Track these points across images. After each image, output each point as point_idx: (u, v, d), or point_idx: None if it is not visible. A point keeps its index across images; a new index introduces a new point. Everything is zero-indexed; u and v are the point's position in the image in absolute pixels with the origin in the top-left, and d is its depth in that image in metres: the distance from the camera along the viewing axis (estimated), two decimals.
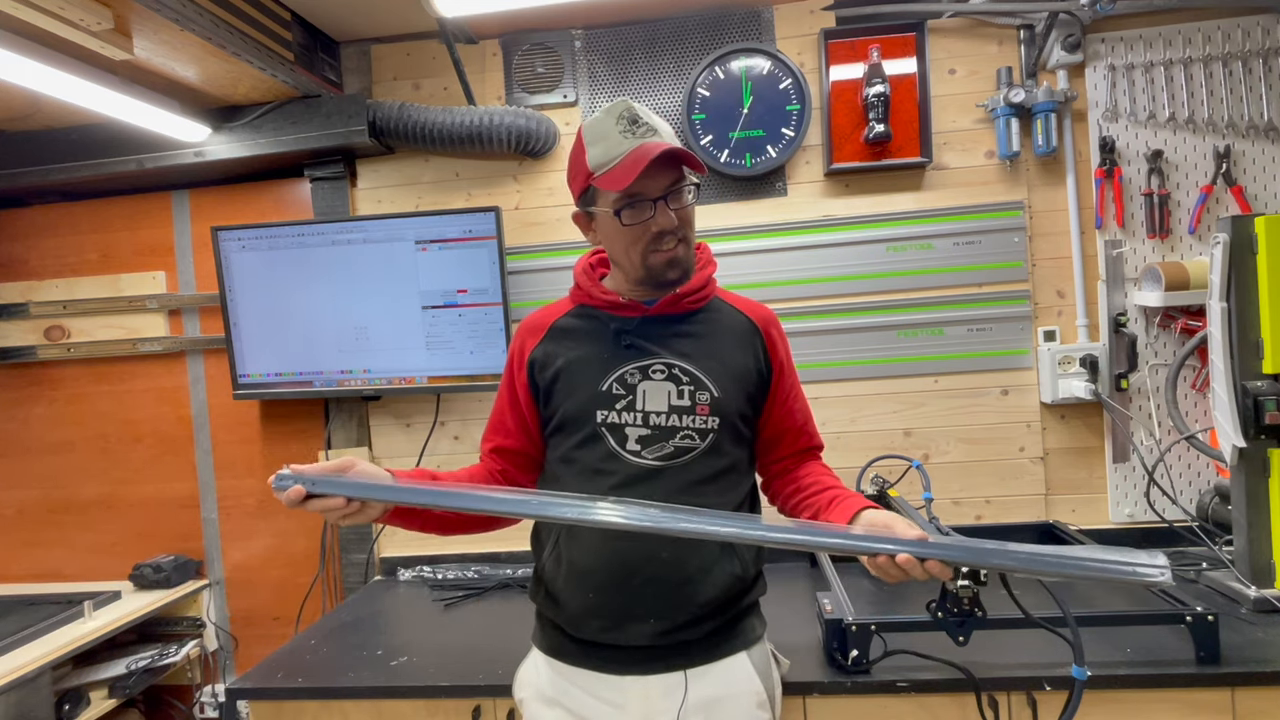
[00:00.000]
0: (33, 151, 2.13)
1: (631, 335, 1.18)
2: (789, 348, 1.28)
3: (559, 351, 1.21)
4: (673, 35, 2.08)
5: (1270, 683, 1.30)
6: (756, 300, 1.30)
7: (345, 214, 2.18)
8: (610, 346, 1.19)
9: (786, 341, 1.28)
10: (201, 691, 2.28)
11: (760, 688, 1.18)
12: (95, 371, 2.35)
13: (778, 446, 1.28)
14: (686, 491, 1.13)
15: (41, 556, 2.40)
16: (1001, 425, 2.03)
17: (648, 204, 1.11)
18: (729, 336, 1.21)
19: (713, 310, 1.24)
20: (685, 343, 1.19)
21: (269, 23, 1.81)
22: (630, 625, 1.12)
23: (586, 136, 1.14)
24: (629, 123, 1.10)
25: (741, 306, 1.26)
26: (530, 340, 1.25)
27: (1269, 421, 1.49)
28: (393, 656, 1.60)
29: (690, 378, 1.16)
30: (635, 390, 1.16)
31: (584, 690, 1.16)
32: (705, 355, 1.18)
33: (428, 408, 2.20)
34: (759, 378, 1.22)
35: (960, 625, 1.32)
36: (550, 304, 1.31)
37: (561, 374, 1.19)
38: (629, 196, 1.11)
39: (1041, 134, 1.95)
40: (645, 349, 1.17)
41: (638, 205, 1.11)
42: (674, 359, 1.17)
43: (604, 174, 1.11)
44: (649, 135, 1.10)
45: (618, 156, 1.09)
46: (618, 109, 1.11)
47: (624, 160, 1.08)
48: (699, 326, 1.21)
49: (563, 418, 1.19)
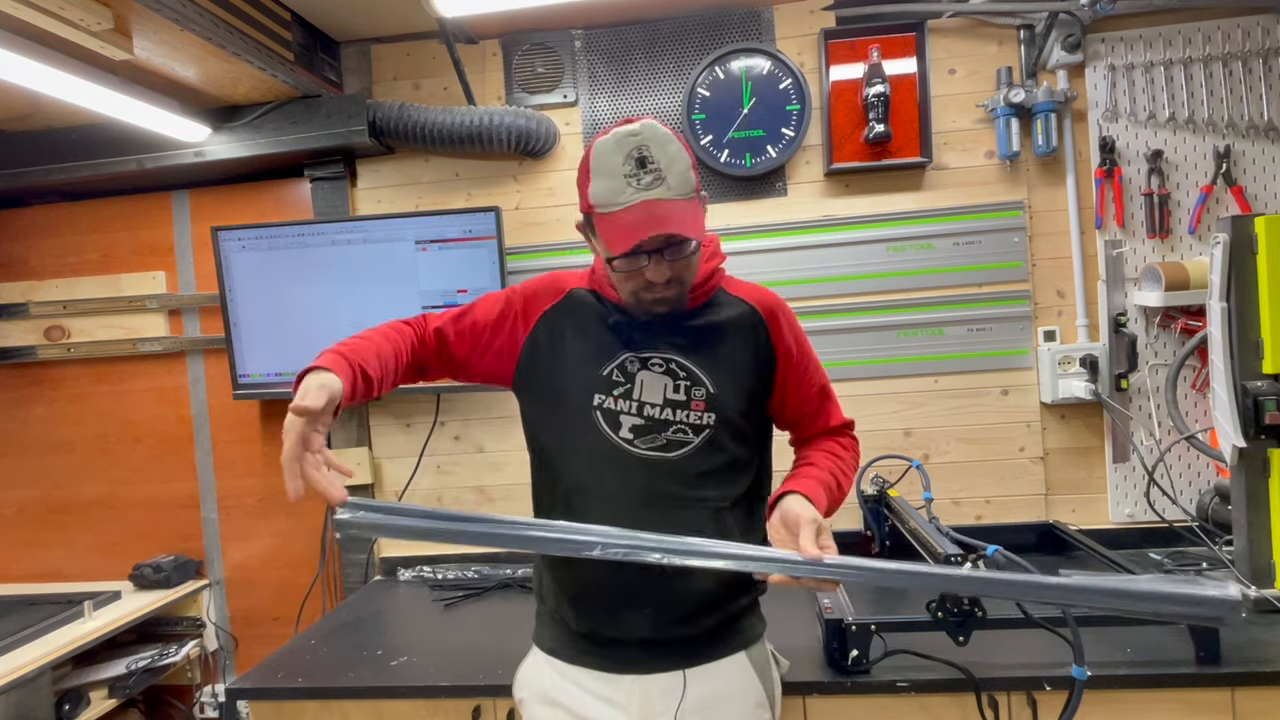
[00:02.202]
0: (33, 151, 2.13)
1: (634, 329, 1.17)
2: (800, 331, 1.24)
3: (567, 325, 1.20)
4: (673, 35, 2.08)
5: (1270, 683, 1.30)
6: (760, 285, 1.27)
7: (345, 214, 2.18)
8: (614, 334, 1.18)
9: (796, 325, 1.24)
10: (201, 691, 2.28)
11: (759, 688, 1.17)
12: (95, 371, 2.35)
13: (798, 428, 1.28)
14: (683, 483, 1.13)
15: (41, 556, 2.40)
16: (1001, 425, 2.03)
17: (643, 255, 1.06)
18: (730, 330, 1.19)
19: (715, 304, 1.21)
20: (685, 338, 1.17)
21: (269, 23, 1.81)
22: (628, 613, 1.13)
23: (594, 163, 1.07)
24: (637, 164, 1.03)
25: (745, 294, 1.23)
26: (545, 296, 1.22)
27: (1269, 421, 1.49)
28: (393, 656, 1.60)
29: (687, 373, 1.16)
30: (634, 379, 1.15)
31: (584, 690, 1.16)
32: (704, 351, 1.17)
33: (428, 408, 2.20)
34: (761, 370, 1.20)
35: (960, 625, 1.33)
36: (570, 270, 1.27)
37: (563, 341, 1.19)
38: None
39: (1041, 134, 1.95)
40: (646, 342, 1.17)
41: (633, 257, 1.06)
42: (672, 353, 1.16)
43: (602, 216, 1.07)
44: (654, 186, 1.03)
45: (617, 205, 1.04)
46: (628, 145, 1.04)
47: (623, 216, 1.04)
48: (700, 321, 1.19)
49: (558, 396, 1.18)
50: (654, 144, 1.05)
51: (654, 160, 1.04)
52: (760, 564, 0.97)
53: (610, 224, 1.05)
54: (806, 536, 0.98)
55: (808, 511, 1.02)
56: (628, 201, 1.04)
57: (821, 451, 1.24)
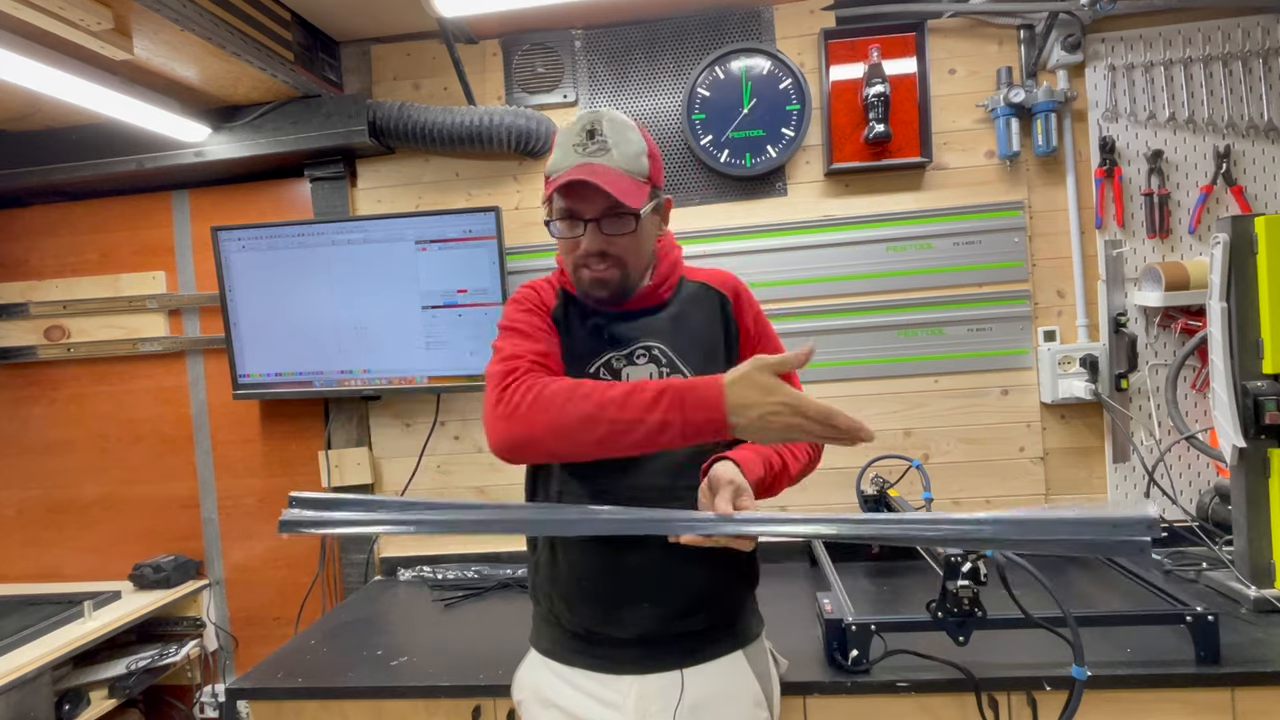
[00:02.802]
0: (33, 151, 2.13)
1: (610, 328, 1.19)
2: (760, 312, 1.28)
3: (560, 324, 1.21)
4: (673, 35, 2.08)
5: (1270, 683, 1.30)
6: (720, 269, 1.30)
7: (345, 214, 2.18)
8: (593, 335, 1.20)
9: (756, 305, 1.27)
10: (201, 691, 2.28)
11: (757, 687, 1.17)
12: (95, 371, 2.35)
13: None
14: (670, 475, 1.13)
15: (41, 556, 2.40)
16: (1001, 425, 2.03)
17: (579, 223, 1.12)
18: (697, 312, 1.22)
19: (681, 292, 1.24)
20: (661, 324, 1.20)
21: (269, 23, 1.81)
22: (626, 611, 1.12)
23: (557, 139, 1.14)
24: (586, 135, 1.10)
25: (705, 278, 1.27)
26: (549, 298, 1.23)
27: (1269, 421, 1.49)
28: (393, 656, 1.60)
29: (667, 359, 1.18)
30: (620, 375, 1.17)
31: (580, 691, 1.16)
32: (680, 335, 1.19)
33: (428, 408, 2.20)
34: (730, 349, 1.23)
35: (960, 625, 1.33)
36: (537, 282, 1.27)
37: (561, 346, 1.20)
38: (561, 212, 1.12)
39: (1041, 134, 1.95)
40: (626, 337, 1.19)
41: (569, 221, 1.12)
42: (653, 340, 1.19)
43: (549, 183, 1.12)
44: (598, 154, 1.10)
45: (562, 169, 1.10)
46: (584, 120, 1.12)
47: (564, 177, 1.08)
48: (671, 311, 1.22)
49: None
50: (608, 122, 1.12)
51: (603, 134, 1.11)
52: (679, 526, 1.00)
53: (550, 185, 1.10)
54: (723, 497, 1.01)
55: (729, 473, 1.04)
56: (571, 164, 1.10)
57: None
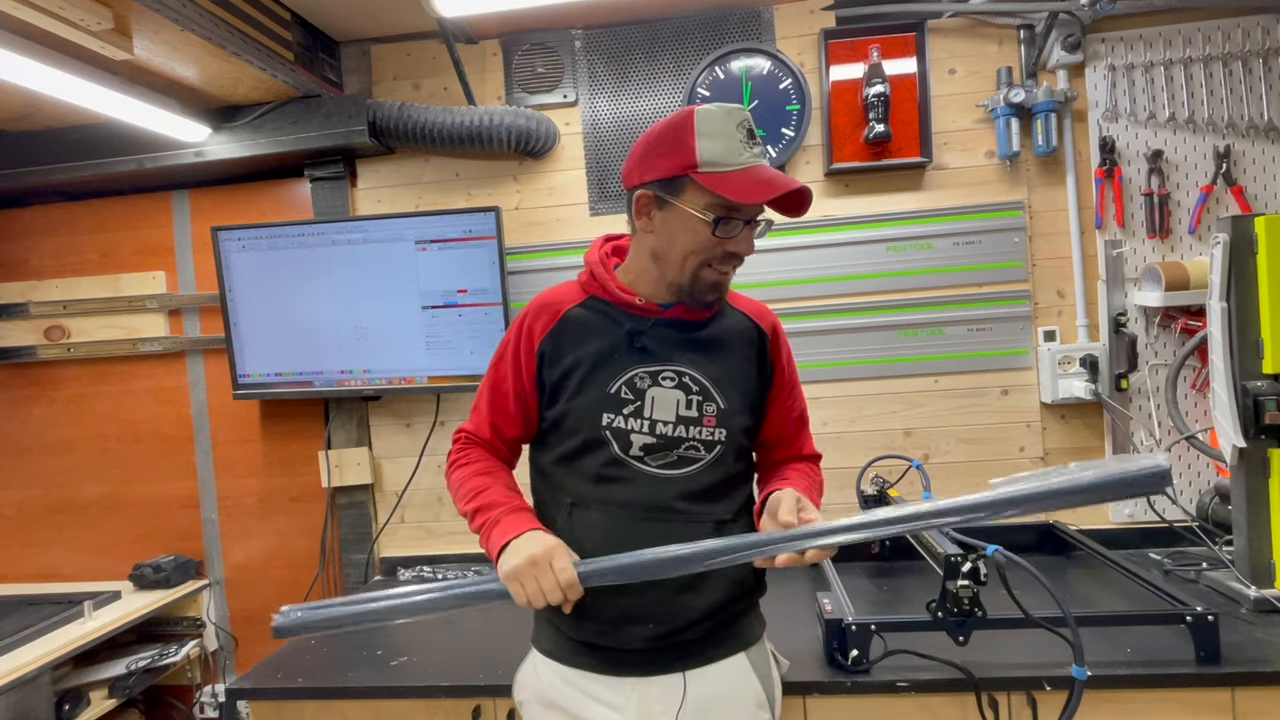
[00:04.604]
0: (33, 151, 2.13)
1: (645, 338, 1.14)
2: (790, 353, 1.26)
3: (568, 347, 1.16)
4: (673, 35, 2.08)
5: (1270, 683, 1.30)
6: (759, 300, 1.28)
7: (345, 214, 2.18)
8: (622, 347, 1.15)
9: (788, 347, 1.26)
10: (201, 691, 2.28)
11: (759, 688, 1.17)
12: (95, 371, 2.35)
13: (770, 451, 1.28)
14: (690, 499, 1.12)
15: (41, 556, 2.40)
16: (1001, 425, 2.03)
17: (739, 224, 1.09)
18: (737, 343, 1.19)
19: (723, 315, 1.21)
20: (697, 350, 1.16)
21: (269, 23, 1.81)
22: (628, 629, 1.12)
23: (701, 126, 1.07)
24: (748, 134, 1.08)
25: (746, 309, 1.24)
26: (538, 326, 1.17)
27: (1269, 421, 1.49)
28: (393, 656, 1.60)
29: (699, 387, 1.14)
30: (644, 396, 1.13)
31: (582, 693, 1.16)
32: (715, 364, 1.16)
33: (428, 408, 2.20)
34: (760, 385, 1.21)
35: (960, 625, 1.33)
36: (559, 286, 1.23)
37: (570, 373, 1.15)
38: (732, 210, 1.07)
39: (1041, 134, 1.94)
40: (657, 354, 1.15)
41: (732, 222, 1.08)
42: (685, 367, 1.15)
43: (716, 175, 1.06)
44: (763, 157, 1.10)
45: (736, 165, 1.06)
46: (738, 117, 1.07)
47: (749, 173, 1.06)
48: (709, 332, 1.19)
49: (565, 417, 1.16)
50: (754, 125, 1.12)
51: (757, 139, 1.11)
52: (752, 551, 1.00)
53: (732, 180, 1.06)
54: (787, 509, 1.02)
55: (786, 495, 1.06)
56: (747, 162, 1.07)
57: (796, 470, 1.24)
